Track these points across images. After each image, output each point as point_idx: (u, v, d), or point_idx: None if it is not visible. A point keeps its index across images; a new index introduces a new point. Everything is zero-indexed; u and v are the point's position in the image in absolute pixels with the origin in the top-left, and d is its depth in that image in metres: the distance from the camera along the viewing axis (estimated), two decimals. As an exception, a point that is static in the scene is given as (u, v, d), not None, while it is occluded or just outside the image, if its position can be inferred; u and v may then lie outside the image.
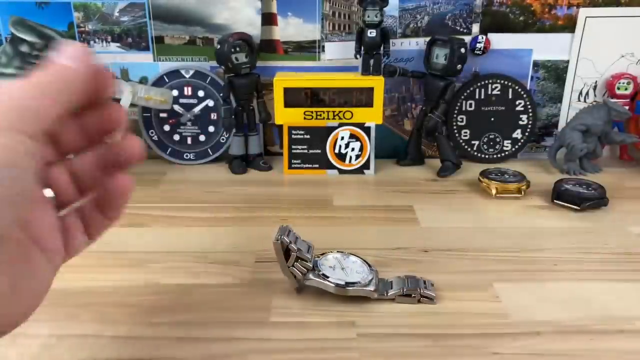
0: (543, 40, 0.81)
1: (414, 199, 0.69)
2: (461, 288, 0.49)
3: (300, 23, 0.80)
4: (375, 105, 0.76)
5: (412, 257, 0.55)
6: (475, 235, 0.59)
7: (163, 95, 0.78)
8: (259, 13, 0.80)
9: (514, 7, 0.80)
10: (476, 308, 0.46)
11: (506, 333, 0.43)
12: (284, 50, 0.82)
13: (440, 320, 0.44)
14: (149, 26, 0.80)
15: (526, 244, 0.57)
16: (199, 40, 0.81)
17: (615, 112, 0.75)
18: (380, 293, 0.46)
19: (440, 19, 0.80)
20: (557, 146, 0.79)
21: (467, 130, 0.84)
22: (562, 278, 0.51)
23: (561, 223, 0.63)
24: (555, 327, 0.43)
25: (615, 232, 0.60)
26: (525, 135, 0.84)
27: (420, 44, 0.81)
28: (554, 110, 0.85)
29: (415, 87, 0.84)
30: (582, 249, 0.56)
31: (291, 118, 0.77)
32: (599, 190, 0.67)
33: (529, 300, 0.47)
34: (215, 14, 0.80)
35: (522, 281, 0.50)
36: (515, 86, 0.81)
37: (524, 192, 0.69)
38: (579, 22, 0.80)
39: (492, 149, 0.84)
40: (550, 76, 0.83)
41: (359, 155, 0.78)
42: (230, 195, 0.71)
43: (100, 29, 0.80)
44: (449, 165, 0.78)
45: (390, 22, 0.80)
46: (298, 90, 0.76)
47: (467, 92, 0.82)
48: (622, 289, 0.49)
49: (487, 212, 0.66)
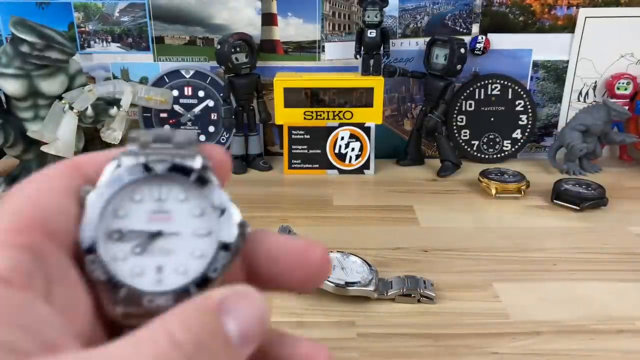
0: (543, 41, 0.81)
1: (413, 199, 0.69)
2: (461, 288, 0.49)
3: (300, 23, 0.80)
4: (375, 105, 0.76)
5: (412, 257, 0.55)
6: (475, 235, 0.60)
7: (163, 96, 0.79)
8: (259, 13, 0.80)
9: (513, 8, 0.80)
10: (476, 308, 0.46)
11: (506, 333, 0.43)
12: (284, 51, 0.82)
13: (440, 320, 0.44)
14: (149, 26, 0.80)
15: (526, 243, 0.57)
16: (199, 40, 0.81)
17: (615, 112, 0.75)
18: (380, 293, 0.46)
19: (440, 19, 0.80)
20: (557, 146, 0.79)
21: (467, 130, 0.84)
22: (561, 278, 0.51)
23: (561, 223, 0.63)
24: (555, 327, 0.43)
25: (615, 232, 0.60)
26: (525, 136, 0.84)
27: (420, 44, 0.81)
28: (553, 110, 0.85)
29: (415, 87, 0.84)
30: (581, 248, 0.56)
31: (291, 118, 0.77)
32: (598, 190, 0.67)
33: (528, 300, 0.47)
34: (215, 14, 0.80)
35: (522, 281, 0.50)
36: (515, 86, 0.81)
37: (523, 192, 0.69)
38: (578, 22, 0.80)
39: (492, 149, 0.84)
40: (550, 76, 0.83)
41: (359, 155, 0.78)
42: (230, 195, 0.71)
43: (101, 29, 0.80)
44: (448, 165, 0.78)
45: (390, 23, 0.80)
46: (298, 90, 0.76)
47: (466, 92, 0.82)
48: (621, 288, 0.49)
49: (486, 212, 0.66)
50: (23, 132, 0.70)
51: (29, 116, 0.70)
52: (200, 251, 0.19)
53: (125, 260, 0.19)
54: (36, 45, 0.65)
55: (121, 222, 0.19)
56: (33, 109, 0.70)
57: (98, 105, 0.72)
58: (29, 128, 0.70)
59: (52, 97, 0.70)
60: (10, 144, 0.69)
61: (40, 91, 0.69)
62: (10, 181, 0.72)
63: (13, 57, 0.66)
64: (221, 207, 0.20)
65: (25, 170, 0.73)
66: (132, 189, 0.19)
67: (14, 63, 0.66)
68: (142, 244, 0.19)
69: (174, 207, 0.20)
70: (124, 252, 0.19)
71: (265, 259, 0.21)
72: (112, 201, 0.19)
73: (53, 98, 0.70)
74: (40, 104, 0.70)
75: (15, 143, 0.70)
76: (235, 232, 0.20)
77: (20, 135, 0.70)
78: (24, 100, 0.69)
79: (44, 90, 0.69)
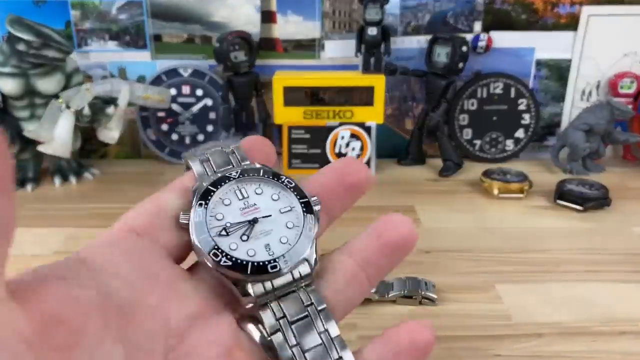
0: (545, 39, 0.80)
1: (415, 199, 0.68)
2: (463, 289, 0.48)
3: (300, 21, 0.80)
4: (376, 104, 0.76)
5: (413, 258, 0.53)
6: (477, 235, 0.59)
7: (161, 94, 0.78)
8: (259, 11, 0.79)
9: (516, 5, 0.79)
10: (478, 309, 0.45)
11: (508, 335, 0.42)
12: (284, 49, 0.81)
13: (442, 322, 0.44)
14: (146, 24, 0.79)
15: (528, 244, 0.57)
16: (198, 38, 0.80)
17: (619, 111, 0.75)
18: (381, 295, 0.46)
19: (441, 17, 0.80)
20: (560, 146, 0.78)
21: (469, 129, 0.83)
22: (564, 279, 0.50)
23: (564, 223, 0.62)
24: (558, 329, 0.43)
25: (619, 233, 0.59)
26: (527, 135, 0.83)
27: (422, 42, 0.81)
28: (556, 109, 0.85)
29: (416, 86, 0.84)
30: (585, 249, 0.56)
31: (291, 117, 0.77)
32: (602, 190, 0.66)
33: (531, 301, 0.47)
34: (214, 11, 0.79)
35: (525, 282, 0.49)
36: (518, 85, 0.81)
37: (526, 192, 0.68)
38: (581, 20, 0.79)
39: (494, 149, 0.83)
40: (553, 75, 0.83)
41: (359, 155, 0.78)
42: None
43: (98, 27, 0.79)
44: (450, 165, 0.78)
45: (391, 20, 0.79)
46: (298, 89, 0.76)
47: (468, 91, 0.81)
48: (625, 290, 0.48)
49: (489, 212, 0.65)
50: (19, 132, 0.69)
51: (26, 115, 0.69)
52: (291, 223, 0.24)
53: (238, 249, 0.23)
54: (33, 43, 0.64)
55: (223, 222, 0.23)
56: (29, 108, 0.69)
57: (95, 104, 0.71)
58: (26, 127, 0.69)
59: (48, 96, 0.69)
60: (7, 143, 0.69)
61: (36, 90, 0.68)
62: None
63: (9, 55, 0.65)
64: (291, 186, 0.25)
65: (22, 170, 0.73)
66: (220, 198, 0.24)
67: (11, 62, 0.66)
68: (245, 232, 0.23)
69: (257, 200, 0.25)
70: (235, 243, 0.23)
71: None
72: (210, 210, 0.23)
73: (50, 97, 0.69)
74: (36, 103, 0.69)
75: (11, 143, 0.69)
76: (310, 200, 0.25)
77: (17, 134, 0.69)
78: (20, 100, 0.68)
79: (40, 89, 0.68)
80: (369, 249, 0.25)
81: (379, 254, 0.25)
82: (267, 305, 0.23)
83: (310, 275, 0.24)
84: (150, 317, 0.21)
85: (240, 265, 0.22)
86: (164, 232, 0.23)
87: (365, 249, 0.26)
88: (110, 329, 0.19)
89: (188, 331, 0.22)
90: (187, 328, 0.22)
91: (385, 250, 0.25)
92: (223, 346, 0.22)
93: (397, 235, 0.25)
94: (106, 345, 0.19)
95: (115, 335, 0.19)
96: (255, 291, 0.22)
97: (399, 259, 0.26)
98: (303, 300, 0.23)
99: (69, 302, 0.18)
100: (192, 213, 0.23)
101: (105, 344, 0.19)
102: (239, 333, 0.23)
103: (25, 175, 0.72)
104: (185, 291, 0.23)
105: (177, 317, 0.22)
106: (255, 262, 0.22)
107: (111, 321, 0.19)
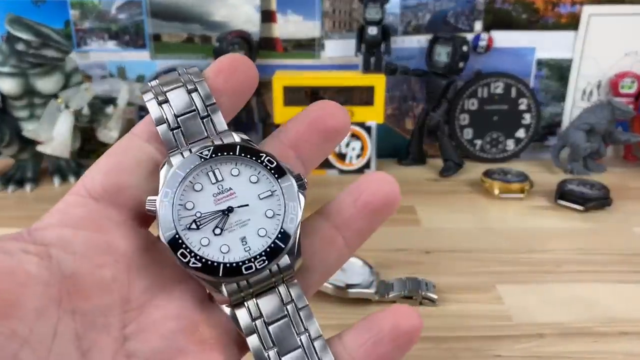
0: (546, 39, 0.80)
1: (415, 199, 0.68)
2: (463, 290, 0.48)
3: (300, 20, 0.79)
4: (376, 104, 0.75)
5: (413, 258, 0.54)
6: (478, 236, 0.59)
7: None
8: (258, 10, 0.79)
9: (517, 5, 0.79)
10: (478, 310, 0.45)
11: (509, 335, 0.42)
12: (284, 48, 0.81)
13: (442, 323, 0.43)
14: (146, 24, 0.79)
15: (529, 244, 0.56)
16: (197, 38, 0.80)
17: (620, 111, 0.74)
18: (381, 295, 0.45)
19: (442, 16, 0.80)
20: (561, 146, 0.78)
21: (469, 129, 0.83)
22: (565, 279, 0.50)
23: (565, 223, 0.62)
24: (559, 329, 0.42)
25: (620, 233, 0.59)
26: (528, 135, 0.83)
27: (422, 41, 0.80)
28: (557, 109, 0.84)
29: (416, 86, 0.83)
30: (585, 250, 0.55)
31: (291, 117, 0.76)
32: (602, 191, 0.66)
33: (532, 302, 0.46)
34: (214, 11, 0.79)
35: (525, 283, 0.49)
36: (519, 85, 0.80)
37: (527, 192, 0.68)
38: (582, 20, 0.79)
39: (495, 149, 0.83)
40: (554, 75, 0.82)
41: (359, 155, 0.77)
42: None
43: (97, 27, 0.79)
44: (451, 165, 0.77)
45: (391, 20, 0.79)
46: (298, 88, 0.75)
47: (469, 91, 0.81)
48: (626, 290, 0.48)
49: (489, 212, 0.65)
50: (18, 132, 0.69)
51: (25, 115, 0.69)
52: (271, 211, 0.21)
53: (210, 244, 0.20)
54: (32, 43, 0.64)
55: (193, 212, 0.21)
56: (29, 108, 0.69)
57: (94, 104, 0.71)
58: (25, 127, 0.69)
59: (48, 96, 0.69)
60: (6, 143, 0.69)
61: (36, 90, 0.68)
62: (5, 181, 0.72)
63: (9, 55, 0.65)
64: (272, 167, 0.22)
65: (21, 170, 0.73)
66: (190, 182, 0.21)
67: (10, 61, 0.65)
68: (219, 224, 0.21)
69: (232, 183, 0.21)
70: (206, 238, 0.20)
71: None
72: (178, 198, 0.21)
73: (49, 97, 0.69)
74: (35, 103, 0.69)
75: (10, 142, 0.69)
76: (294, 183, 0.22)
77: (16, 134, 0.69)
78: (19, 99, 0.68)
79: (39, 89, 0.68)
80: (346, 211, 0.23)
81: (357, 217, 0.23)
82: (242, 303, 0.21)
83: (292, 267, 0.21)
84: (105, 290, 0.20)
85: (210, 267, 0.20)
86: (127, 190, 0.21)
87: (343, 211, 0.23)
88: (56, 302, 0.19)
89: (147, 304, 0.21)
90: (146, 301, 0.21)
91: (364, 211, 0.23)
92: (186, 320, 0.21)
93: (377, 195, 0.23)
94: (49, 318, 0.18)
95: (65, 308, 0.19)
96: (228, 290, 0.20)
97: (379, 222, 0.24)
98: (283, 298, 0.21)
99: (5, 274, 0.18)
100: (157, 202, 0.20)
101: (47, 317, 0.18)
102: (207, 305, 0.21)
103: (24, 175, 0.72)
104: (145, 261, 0.21)
105: (135, 290, 0.21)
106: (227, 263, 0.20)
107: (59, 294, 0.19)
